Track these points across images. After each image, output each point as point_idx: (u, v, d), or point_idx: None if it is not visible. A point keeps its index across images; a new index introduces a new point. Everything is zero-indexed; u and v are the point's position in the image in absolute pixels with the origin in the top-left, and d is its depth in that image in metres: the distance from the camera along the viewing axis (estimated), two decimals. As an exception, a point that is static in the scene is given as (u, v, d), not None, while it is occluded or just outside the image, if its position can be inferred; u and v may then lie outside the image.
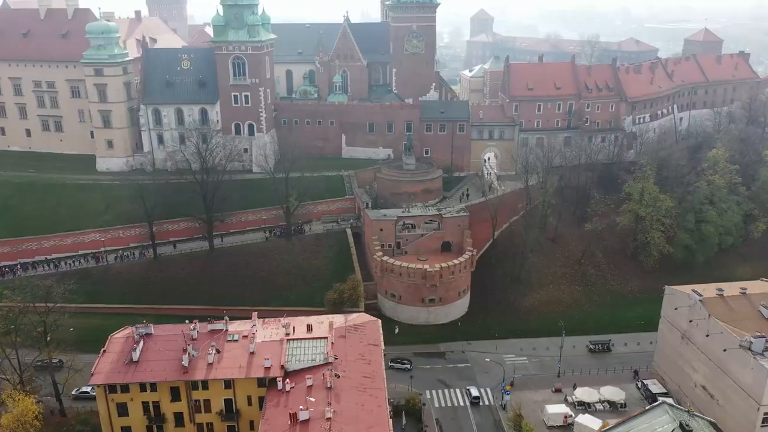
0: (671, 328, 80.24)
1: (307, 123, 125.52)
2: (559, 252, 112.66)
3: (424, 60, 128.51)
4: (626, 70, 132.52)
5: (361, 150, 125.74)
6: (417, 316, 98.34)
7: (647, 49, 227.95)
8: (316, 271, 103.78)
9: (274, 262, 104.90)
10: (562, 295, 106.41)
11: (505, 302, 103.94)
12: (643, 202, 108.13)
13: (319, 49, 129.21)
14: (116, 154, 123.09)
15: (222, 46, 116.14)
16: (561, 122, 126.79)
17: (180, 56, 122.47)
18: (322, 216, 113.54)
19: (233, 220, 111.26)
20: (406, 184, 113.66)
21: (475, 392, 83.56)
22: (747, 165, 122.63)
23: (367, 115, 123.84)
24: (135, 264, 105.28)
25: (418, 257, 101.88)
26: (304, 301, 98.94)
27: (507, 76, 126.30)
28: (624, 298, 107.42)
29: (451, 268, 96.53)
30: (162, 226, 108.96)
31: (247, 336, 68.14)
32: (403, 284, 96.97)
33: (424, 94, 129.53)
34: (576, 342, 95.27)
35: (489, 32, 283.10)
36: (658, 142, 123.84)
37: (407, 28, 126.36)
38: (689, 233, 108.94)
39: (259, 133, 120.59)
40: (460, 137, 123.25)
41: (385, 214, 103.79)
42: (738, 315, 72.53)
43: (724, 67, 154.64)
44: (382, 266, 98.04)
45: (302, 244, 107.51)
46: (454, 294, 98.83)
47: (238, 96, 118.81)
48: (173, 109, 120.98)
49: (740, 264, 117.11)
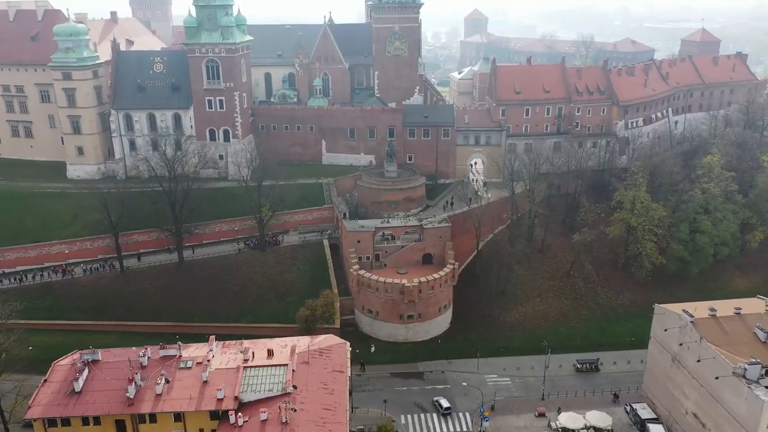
0: (661, 349, 75.16)
1: (286, 128, 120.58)
2: (547, 264, 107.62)
3: (407, 62, 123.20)
4: (618, 72, 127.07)
5: (342, 156, 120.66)
6: (395, 333, 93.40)
7: (643, 49, 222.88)
8: (290, 284, 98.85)
9: (247, 275, 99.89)
10: (549, 310, 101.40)
11: (489, 317, 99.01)
12: (634, 212, 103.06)
13: (298, 51, 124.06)
14: (87, 161, 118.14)
15: (194, 48, 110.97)
16: (550, 127, 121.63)
17: (152, 59, 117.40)
18: (299, 226, 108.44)
19: (206, 231, 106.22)
20: (387, 192, 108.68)
21: (446, 403, 79.41)
22: (744, 171, 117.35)
23: (347, 120, 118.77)
24: (101, 277, 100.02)
25: (398, 270, 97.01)
26: (276, 317, 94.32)
27: (493, 79, 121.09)
28: (614, 312, 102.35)
29: (431, 283, 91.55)
30: (131, 237, 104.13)
31: (201, 363, 63.13)
32: (380, 300, 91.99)
33: (408, 98, 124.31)
34: (562, 360, 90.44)
35: (483, 32, 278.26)
36: (652, 147, 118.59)
37: (389, 29, 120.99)
38: (683, 244, 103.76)
39: (235, 139, 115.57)
40: (444, 143, 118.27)
41: (363, 225, 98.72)
42: (732, 338, 67.48)
43: (721, 68, 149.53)
44: (359, 281, 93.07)
45: (277, 256, 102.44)
46: (435, 310, 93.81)
47: (212, 101, 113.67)
48: (145, 114, 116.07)
49: (737, 275, 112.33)
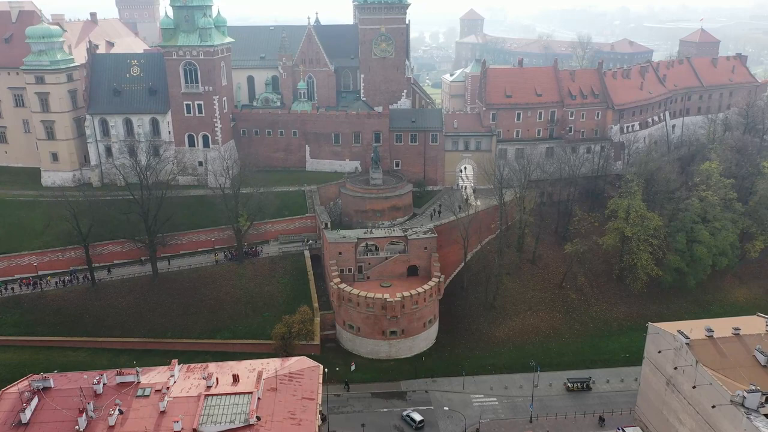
0: (655, 371, 70.74)
1: (268, 133, 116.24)
2: (538, 275, 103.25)
3: (394, 65, 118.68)
4: (613, 75, 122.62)
5: (327, 162, 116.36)
6: (377, 350, 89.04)
7: (641, 50, 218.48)
8: (268, 298, 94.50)
9: (223, 288, 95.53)
10: (539, 324, 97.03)
11: (477, 332, 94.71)
12: (629, 221, 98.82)
13: (282, 53, 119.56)
14: (62, 167, 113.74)
15: (171, 51, 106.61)
16: (542, 132, 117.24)
17: (129, 62, 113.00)
18: (280, 236, 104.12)
19: (183, 241, 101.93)
20: (372, 200, 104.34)
21: (418, 416, 76.16)
22: (744, 177, 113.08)
23: (332, 125, 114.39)
24: (71, 291, 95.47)
25: (381, 283, 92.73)
26: (253, 333, 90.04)
27: (483, 82, 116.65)
28: (608, 326, 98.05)
29: (415, 298, 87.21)
30: (105, 247, 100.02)
31: (160, 390, 58.70)
32: (362, 315, 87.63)
33: (395, 102, 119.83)
34: (552, 379, 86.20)
35: (479, 33, 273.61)
36: (648, 153, 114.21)
37: (375, 31, 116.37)
38: (680, 254, 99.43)
39: (215, 144, 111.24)
40: (432, 148, 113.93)
41: (345, 235, 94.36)
42: (730, 361, 63.07)
43: (720, 70, 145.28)
44: (339, 295, 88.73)
45: (255, 268, 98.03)
46: (419, 325, 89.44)
47: (191, 105, 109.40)
48: (121, 119, 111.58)
49: (736, 286, 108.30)
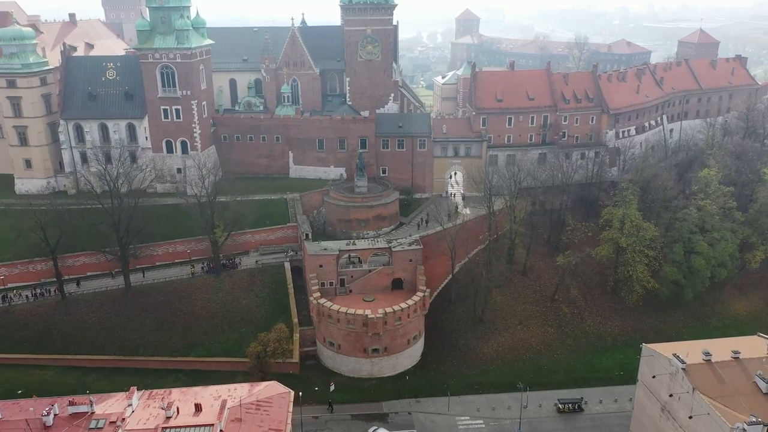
0: (649, 395, 66.42)
1: (250, 139, 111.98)
2: (530, 287, 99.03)
3: (381, 68, 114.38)
4: (608, 78, 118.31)
5: (311, 169, 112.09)
6: (359, 369, 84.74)
7: (639, 51, 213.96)
8: (246, 313, 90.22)
9: (199, 302, 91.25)
10: (530, 339, 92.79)
11: (465, 348, 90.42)
12: (624, 231, 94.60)
13: (264, 56, 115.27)
14: (36, 174, 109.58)
15: (147, 53, 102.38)
16: (534, 137, 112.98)
17: (105, 65, 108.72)
18: (260, 247, 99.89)
19: (159, 252, 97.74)
20: (356, 209, 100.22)
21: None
22: (744, 184, 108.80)
23: (316, 130, 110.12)
24: (40, 305, 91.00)
25: (364, 297, 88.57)
26: (229, 350, 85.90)
27: (473, 86, 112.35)
28: (601, 342, 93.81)
29: (398, 313, 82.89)
30: (78, 259, 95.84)
31: (115, 422, 54.51)
32: (342, 332, 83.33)
33: (382, 106, 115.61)
34: (543, 399, 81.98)
35: (475, 33, 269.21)
36: (644, 159, 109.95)
37: (361, 32, 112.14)
38: (677, 266, 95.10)
39: (194, 151, 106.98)
40: (420, 154, 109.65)
41: (326, 247, 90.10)
42: (729, 388, 58.71)
43: (719, 72, 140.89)
44: (318, 310, 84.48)
45: (233, 281, 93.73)
46: (402, 342, 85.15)
47: (168, 110, 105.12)
48: (97, 124, 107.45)
49: (736, 297, 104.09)
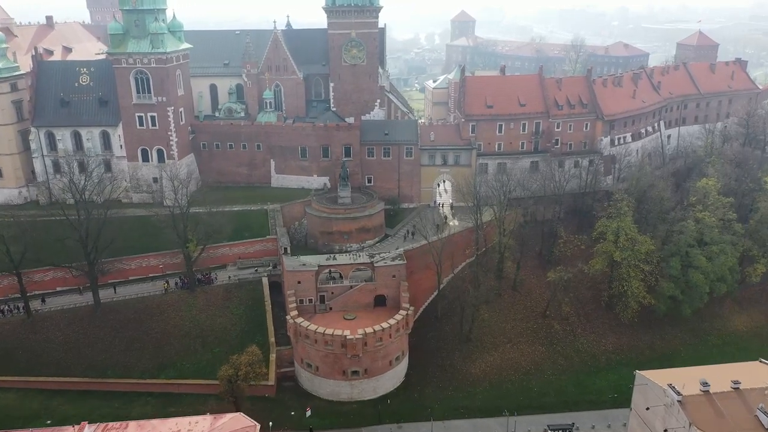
0: (643, 426, 61.97)
1: (230, 146, 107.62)
2: (520, 303, 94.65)
3: (367, 72, 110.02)
4: (603, 83, 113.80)
5: (293, 178, 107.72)
6: (338, 392, 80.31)
7: (637, 53, 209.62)
8: (220, 332, 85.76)
9: (172, 320, 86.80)
10: (520, 358, 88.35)
11: (451, 369, 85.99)
12: (618, 244, 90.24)
13: (246, 60, 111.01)
14: (7, 184, 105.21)
15: (121, 58, 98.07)
16: (526, 144, 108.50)
17: (78, 70, 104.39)
18: (238, 260, 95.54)
19: (131, 266, 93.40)
20: (339, 221, 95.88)
21: None
22: (744, 194, 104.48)
23: (298, 138, 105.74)
24: (5, 323, 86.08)
25: (345, 315, 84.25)
26: (202, 372, 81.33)
27: (462, 91, 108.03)
28: (595, 361, 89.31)
29: (379, 334, 78.52)
30: (46, 273, 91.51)
31: (61, 462, 50.37)
32: (320, 353, 78.92)
33: (368, 113, 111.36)
34: (531, 424, 77.23)
35: (470, 35, 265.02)
36: (640, 168, 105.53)
37: (345, 36, 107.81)
38: (674, 281, 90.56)
39: (170, 159, 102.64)
40: (407, 163, 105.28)
41: (304, 262, 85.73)
42: (729, 422, 54.25)
43: (718, 76, 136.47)
44: (295, 330, 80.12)
45: (207, 297, 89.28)
46: (384, 364, 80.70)
47: (143, 117, 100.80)
48: (69, 132, 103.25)
49: (736, 312, 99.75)
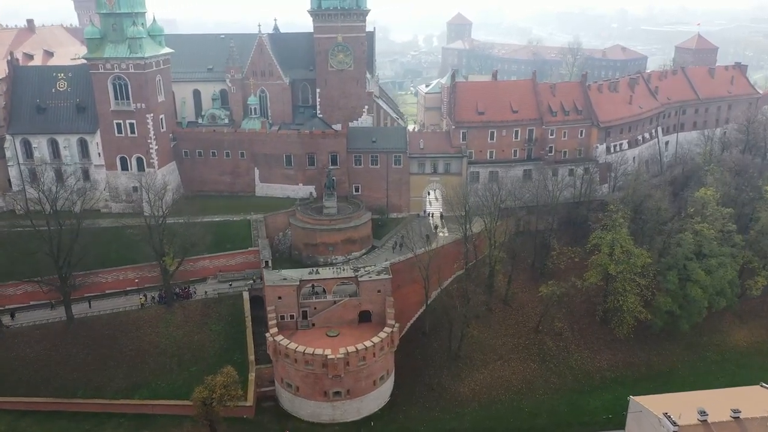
0: (638, 455, 58.86)
1: (213, 155, 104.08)
2: (512, 317, 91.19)
3: (354, 78, 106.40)
4: (599, 89, 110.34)
5: (278, 187, 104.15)
6: (319, 413, 76.68)
7: (635, 56, 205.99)
8: (197, 350, 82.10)
9: (147, 337, 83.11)
10: (511, 376, 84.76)
11: (438, 388, 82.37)
12: (613, 257, 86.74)
13: (230, 65, 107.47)
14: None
15: (98, 63, 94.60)
16: (519, 152, 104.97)
17: (55, 75, 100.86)
18: (218, 274, 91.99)
19: (108, 279, 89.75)
20: (324, 233, 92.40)
21: None
22: (744, 204, 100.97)
23: (283, 145, 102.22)
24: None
25: (327, 332, 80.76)
26: (177, 392, 77.52)
27: (453, 97, 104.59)
28: (589, 379, 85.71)
29: (362, 353, 74.94)
30: (18, 287, 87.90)
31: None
32: (300, 373, 75.34)
33: (356, 119, 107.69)
34: (522, 448, 74.24)
35: (467, 38, 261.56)
36: (636, 177, 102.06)
37: (331, 40, 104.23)
38: (671, 295, 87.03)
39: (150, 168, 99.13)
40: (396, 171, 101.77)
41: (285, 277, 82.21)
42: (728, 456, 51.21)
43: (718, 81, 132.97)
44: (275, 348, 76.58)
45: (185, 313, 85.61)
46: (368, 384, 77.11)
47: (122, 124, 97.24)
48: (46, 139, 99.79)
49: (736, 326, 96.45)
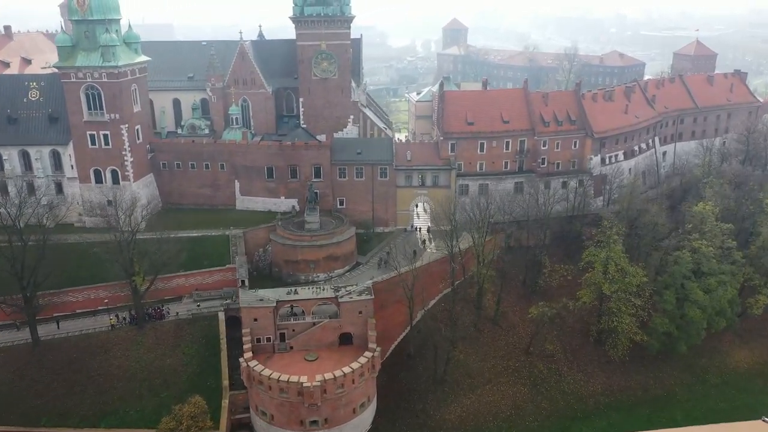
0: (631, 497, 54.70)
1: (192, 166, 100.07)
2: (501, 339, 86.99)
3: (338, 87, 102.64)
4: (593, 98, 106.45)
5: (260, 200, 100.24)
6: (295, 443, 72.67)
7: (632, 63, 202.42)
8: (169, 374, 77.71)
9: (116, 360, 78.70)
10: (500, 401, 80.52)
11: (423, 414, 78.15)
12: (608, 276, 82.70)
13: (210, 74, 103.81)
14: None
15: (70, 72, 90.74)
16: (510, 164, 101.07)
17: (27, 84, 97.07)
18: (194, 292, 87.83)
19: (79, 298, 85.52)
20: (305, 249, 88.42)
21: None
22: (744, 218, 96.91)
23: (264, 157, 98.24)
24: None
25: (306, 356, 76.44)
26: (146, 420, 72.87)
27: (441, 107, 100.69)
28: (582, 405, 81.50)
29: (340, 380, 70.69)
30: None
31: None
32: (275, 401, 71.03)
33: (341, 130, 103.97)
34: (511, 481, 70.06)
35: (462, 44, 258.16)
36: (632, 189, 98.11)
37: (315, 48, 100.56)
38: (668, 316, 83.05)
39: (125, 181, 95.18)
40: (382, 184, 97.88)
41: (262, 297, 78.04)
42: (728, 503, 46.97)
43: (717, 88, 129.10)
44: (249, 374, 72.38)
45: (157, 335, 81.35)
46: (347, 412, 72.77)
47: (95, 135, 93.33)
48: (17, 151, 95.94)
49: (736, 347, 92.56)
